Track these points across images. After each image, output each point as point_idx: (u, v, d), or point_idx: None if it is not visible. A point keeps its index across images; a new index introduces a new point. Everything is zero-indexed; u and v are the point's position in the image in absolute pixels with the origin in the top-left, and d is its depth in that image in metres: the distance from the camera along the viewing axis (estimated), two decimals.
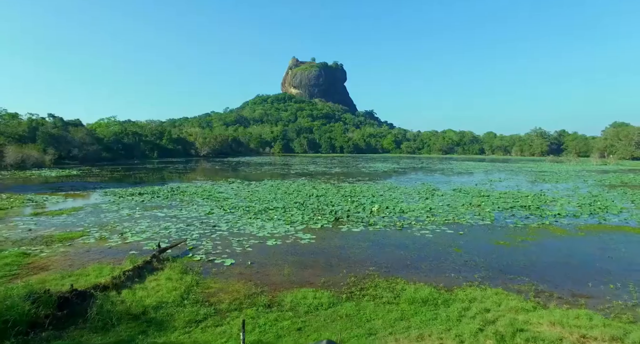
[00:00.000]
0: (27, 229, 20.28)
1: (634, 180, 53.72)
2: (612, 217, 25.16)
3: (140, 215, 24.67)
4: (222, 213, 25.41)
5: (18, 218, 23.22)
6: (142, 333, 8.90)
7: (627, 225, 22.63)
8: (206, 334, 8.88)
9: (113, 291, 11.09)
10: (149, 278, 12.59)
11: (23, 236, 18.59)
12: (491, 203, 30.24)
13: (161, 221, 22.86)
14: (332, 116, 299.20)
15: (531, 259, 15.46)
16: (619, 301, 11.17)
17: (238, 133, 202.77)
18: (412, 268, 14.24)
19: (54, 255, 15.44)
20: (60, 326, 9.09)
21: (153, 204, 29.02)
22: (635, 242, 18.46)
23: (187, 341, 8.57)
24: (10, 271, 13.19)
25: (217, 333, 8.97)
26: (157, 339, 8.64)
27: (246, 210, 26.48)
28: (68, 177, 53.72)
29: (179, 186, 41.73)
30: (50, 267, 13.88)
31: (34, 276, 12.66)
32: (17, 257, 14.84)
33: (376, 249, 16.93)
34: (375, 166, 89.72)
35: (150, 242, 17.58)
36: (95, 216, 24.35)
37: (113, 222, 22.22)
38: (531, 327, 9.02)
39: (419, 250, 16.75)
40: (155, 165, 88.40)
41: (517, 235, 19.81)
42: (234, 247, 16.90)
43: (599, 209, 27.83)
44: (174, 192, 36.44)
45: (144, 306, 10.27)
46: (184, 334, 8.91)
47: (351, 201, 30.58)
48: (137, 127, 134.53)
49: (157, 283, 12.11)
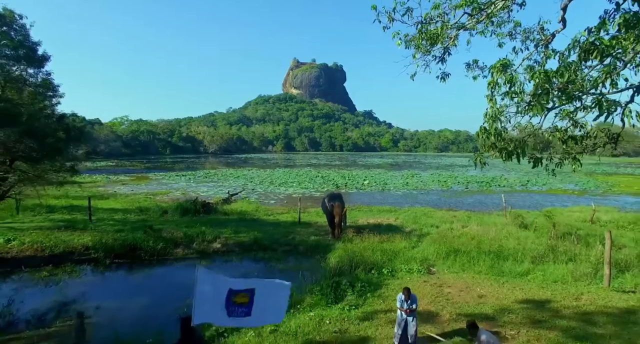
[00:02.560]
0: (130, 190, 29.89)
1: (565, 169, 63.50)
2: (533, 187, 34.90)
3: (196, 185, 34.29)
4: (253, 185, 35.03)
5: (117, 187, 32.78)
6: (244, 217, 18.49)
7: (513, 188, 32.35)
8: (278, 217, 18.48)
9: (218, 206, 20.72)
10: (232, 205, 22.19)
11: (138, 192, 28.17)
12: (456, 181, 39.89)
13: (213, 187, 32.48)
14: (332, 115, 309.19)
15: (459, 201, 25.11)
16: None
17: (242, 132, 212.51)
18: (382, 203, 23.91)
19: (167, 196, 25.08)
20: (204, 213, 18.71)
21: (199, 181, 38.64)
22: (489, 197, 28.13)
23: (270, 219, 18.18)
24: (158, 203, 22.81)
25: (283, 217, 18.58)
26: (254, 217, 18.26)
27: (270, 183, 36.12)
28: (110, 167, 63.22)
29: (209, 172, 51.33)
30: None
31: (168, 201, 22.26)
32: (147, 197, 24.48)
33: (362, 197, 26.58)
34: (372, 161, 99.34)
35: (215, 196, 27.18)
36: (165, 185, 34.00)
37: (182, 188, 31.83)
38: (433, 215, 18.63)
39: (389, 197, 26.40)
40: (171, 160, 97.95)
41: (460, 194, 29.46)
42: (272, 197, 26.53)
43: (527, 182, 37.62)
44: (208, 174, 46.05)
45: (240, 211, 19.88)
46: (268, 217, 18.55)
47: (349, 178, 40.29)
48: (150, 126, 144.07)
49: (239, 205, 21.76)
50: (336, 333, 6.48)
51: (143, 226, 15.18)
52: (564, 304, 7.46)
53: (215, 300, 4.60)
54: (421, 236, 13.98)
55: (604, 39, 5.28)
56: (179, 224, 16.04)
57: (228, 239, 14.16)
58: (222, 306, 4.62)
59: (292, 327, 6.61)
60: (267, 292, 4.87)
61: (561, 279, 9.15)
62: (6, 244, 12.25)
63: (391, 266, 10.40)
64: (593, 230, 14.80)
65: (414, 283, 8.84)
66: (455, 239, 12.78)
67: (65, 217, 17.49)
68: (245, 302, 4.75)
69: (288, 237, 14.67)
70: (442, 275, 9.84)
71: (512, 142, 6.13)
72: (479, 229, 14.47)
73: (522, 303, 7.62)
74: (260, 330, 6.51)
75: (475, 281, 9.13)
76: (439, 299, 8.02)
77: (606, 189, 33.90)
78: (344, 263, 10.49)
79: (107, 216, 18.07)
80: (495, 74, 6.14)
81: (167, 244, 13.22)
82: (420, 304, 7.46)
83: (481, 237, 12.88)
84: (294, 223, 17.27)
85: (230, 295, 4.66)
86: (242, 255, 13.25)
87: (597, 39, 5.30)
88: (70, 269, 11.34)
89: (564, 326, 6.45)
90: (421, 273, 10.00)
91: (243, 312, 4.73)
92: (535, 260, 10.50)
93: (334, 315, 7.13)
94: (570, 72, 5.64)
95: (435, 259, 11.09)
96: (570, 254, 10.77)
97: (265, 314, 4.86)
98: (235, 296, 4.69)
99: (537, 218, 16.04)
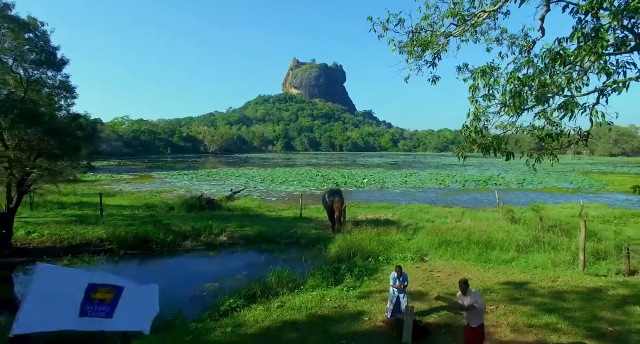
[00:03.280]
0: (135, 188, 30.70)
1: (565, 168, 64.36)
2: (529, 186, 35.72)
3: (199, 184, 35.12)
4: (255, 184, 35.84)
5: (122, 185, 33.60)
6: (248, 213, 19.30)
7: (510, 186, 33.19)
8: (280, 213, 19.30)
9: (222, 203, 21.54)
10: (235, 202, 23.00)
11: (142, 190, 29.00)
12: (454, 180, 40.71)
13: (216, 186, 33.29)
14: (332, 115, 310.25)
15: (455, 199, 25.94)
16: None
17: (242, 132, 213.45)
18: (381, 201, 24.74)
19: (171, 194, 25.91)
20: (209, 209, 19.53)
21: (201, 180, 39.45)
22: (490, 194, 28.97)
23: (273, 215, 19.01)
24: (162, 200, 23.62)
25: (285, 213, 19.40)
26: (258, 213, 19.07)
27: (272, 181, 36.94)
28: (112, 166, 64.04)
29: (211, 171, 52.15)
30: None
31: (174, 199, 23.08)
32: (153, 195, 25.32)
33: (361, 195, 27.41)
34: (371, 160, 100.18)
35: (219, 194, 27.99)
36: (169, 184, 34.81)
37: (186, 186, 32.65)
38: (430, 212, 19.45)
39: (387, 195, 27.22)
40: (172, 159, 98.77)
41: (458, 192, 30.29)
42: (274, 195, 27.36)
43: (523, 181, 38.45)
44: (210, 173, 46.88)
45: (243, 207, 20.69)
46: (271, 213, 19.38)
47: (348, 177, 41.12)
48: (151, 126, 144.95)
49: (242, 202, 22.58)
50: (336, 308, 7.30)
51: (152, 221, 16.03)
52: (541, 285, 8.28)
53: (64, 299, 3.99)
54: (417, 229, 14.79)
55: (567, 49, 6.14)
56: (185, 219, 16.88)
57: (234, 233, 14.99)
58: (76, 304, 4.05)
59: (296, 303, 7.43)
60: (136, 295, 4.49)
61: (542, 265, 9.97)
62: (27, 236, 13.09)
63: (387, 255, 11.22)
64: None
65: (407, 269, 9.62)
66: (448, 232, 13.60)
67: (77, 213, 18.32)
68: (107, 299, 4.26)
69: (290, 231, 15.50)
70: (433, 262, 10.67)
71: (490, 139, 6.94)
72: (471, 224, 15.30)
73: (503, 284, 8.45)
74: (269, 305, 7.34)
75: (464, 267, 9.96)
76: (430, 282, 8.84)
77: (600, 187, 34.72)
78: (343, 252, 11.33)
79: (117, 212, 18.89)
80: (477, 78, 6.99)
81: (177, 237, 14.05)
82: (412, 286, 8.28)
83: (472, 230, 13.70)
84: (295, 219, 18.09)
85: (91, 290, 4.14)
86: (247, 247, 14.07)
87: (562, 49, 6.15)
88: (88, 259, 12.15)
89: (538, 302, 7.27)
90: (415, 261, 10.82)
91: (103, 312, 4.23)
92: (521, 249, 11.33)
93: (334, 295, 7.95)
94: (541, 78, 6.50)
95: (428, 249, 11.91)
96: (554, 244, 11.59)
97: (130, 318, 4.39)
98: (96, 292, 4.17)
99: (526, 213, 16.84)
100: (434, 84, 8.31)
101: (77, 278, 4.13)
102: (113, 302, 4.25)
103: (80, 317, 4.01)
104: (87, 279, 4.13)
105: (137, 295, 4.43)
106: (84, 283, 4.06)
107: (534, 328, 6.34)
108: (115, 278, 4.42)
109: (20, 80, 12.01)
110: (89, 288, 4.08)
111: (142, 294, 4.52)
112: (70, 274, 4.23)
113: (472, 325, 5.43)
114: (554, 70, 6.49)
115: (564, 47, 6.14)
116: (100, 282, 4.19)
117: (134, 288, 4.47)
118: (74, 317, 3.98)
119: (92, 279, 4.19)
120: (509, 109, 6.72)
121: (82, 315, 4.03)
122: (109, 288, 4.24)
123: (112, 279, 4.35)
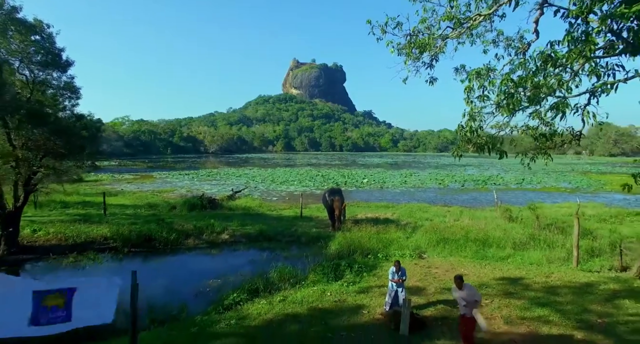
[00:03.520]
0: (136, 188, 30.94)
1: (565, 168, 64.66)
2: (527, 185, 35.98)
3: (200, 183, 35.36)
4: (255, 183, 36.08)
5: (124, 185, 33.84)
6: (249, 212, 19.55)
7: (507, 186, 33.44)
8: (281, 212, 19.55)
9: (223, 202, 21.78)
10: (236, 201, 23.25)
11: (144, 189, 29.25)
12: (453, 180, 40.95)
13: (217, 185, 33.53)
14: (331, 115, 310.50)
15: (454, 198, 26.18)
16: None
17: (242, 132, 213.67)
18: (380, 200, 24.98)
19: (172, 194, 26.14)
20: (210, 208, 19.76)
21: (202, 179, 39.69)
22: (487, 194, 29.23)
23: (273, 214, 19.26)
24: (165, 199, 23.86)
25: (286, 212, 19.64)
26: (258, 212, 19.32)
27: (272, 181, 37.19)
28: (113, 166, 64.25)
29: (211, 171, 52.39)
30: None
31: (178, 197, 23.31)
32: (154, 194, 25.55)
33: (361, 194, 27.66)
34: (371, 160, 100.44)
35: (220, 193, 28.22)
36: (170, 183, 35.05)
37: (187, 186, 32.89)
38: (428, 210, 19.70)
39: (387, 195, 27.47)
40: (172, 159, 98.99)
41: (457, 191, 30.54)
42: (274, 194, 27.60)
43: (522, 181, 38.70)
44: (211, 173, 47.11)
45: (244, 206, 20.94)
46: (272, 212, 19.64)
47: (348, 177, 41.38)
48: (151, 126, 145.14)
49: (243, 201, 22.82)
50: (336, 302, 7.55)
51: (154, 219, 16.27)
52: (535, 280, 8.54)
53: (7, 307, 4.00)
54: (415, 227, 15.04)
55: (558, 52, 6.39)
56: (187, 218, 17.13)
57: (235, 231, 15.23)
58: (24, 313, 4.06)
59: (298, 297, 7.68)
60: (91, 291, 4.48)
61: (537, 262, 10.22)
62: (33, 234, 13.33)
63: (386, 252, 11.47)
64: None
65: (406, 265, 9.86)
66: (446, 230, 13.85)
67: (80, 212, 18.55)
68: (59, 304, 4.25)
69: (291, 229, 15.74)
70: (431, 259, 10.92)
71: (485, 138, 7.19)
72: (469, 222, 15.55)
73: (498, 279, 8.70)
74: (271, 299, 7.59)
75: (461, 263, 10.21)
76: (427, 277, 9.09)
77: (598, 187, 34.98)
78: (343, 249, 11.58)
79: (119, 211, 19.13)
80: (471, 79, 7.23)
81: (179, 235, 14.29)
82: (410, 281, 8.53)
83: (470, 228, 13.95)
84: (296, 217, 18.33)
85: (39, 299, 4.14)
86: (248, 245, 14.32)
87: (552, 52, 6.41)
88: (93, 257, 12.38)
89: (531, 296, 7.52)
90: (413, 257, 11.07)
91: (60, 317, 4.23)
92: (517, 247, 11.58)
93: (334, 289, 8.20)
94: (533, 79, 6.75)
95: (426, 246, 12.16)
96: (549, 241, 11.84)
97: (89, 313, 4.41)
98: (45, 299, 4.17)
99: (523, 212, 17.09)
100: (431, 84, 8.56)
101: (18, 286, 4.12)
102: (67, 305, 4.26)
103: (34, 326, 4.06)
104: (31, 287, 4.12)
105: (92, 291, 4.44)
106: (27, 290, 4.07)
107: (527, 320, 6.59)
108: (63, 281, 4.43)
109: (26, 81, 12.25)
110: (35, 297, 4.09)
111: (97, 289, 4.50)
112: (10, 282, 4.18)
113: (467, 315, 5.70)
114: (546, 72, 6.74)
115: (555, 49, 6.39)
116: (43, 288, 4.17)
117: (88, 285, 4.49)
118: (23, 326, 4.02)
119: (34, 286, 4.16)
120: (502, 109, 6.97)
121: (34, 324, 4.07)
122: (56, 293, 4.21)
123: (59, 283, 4.33)
